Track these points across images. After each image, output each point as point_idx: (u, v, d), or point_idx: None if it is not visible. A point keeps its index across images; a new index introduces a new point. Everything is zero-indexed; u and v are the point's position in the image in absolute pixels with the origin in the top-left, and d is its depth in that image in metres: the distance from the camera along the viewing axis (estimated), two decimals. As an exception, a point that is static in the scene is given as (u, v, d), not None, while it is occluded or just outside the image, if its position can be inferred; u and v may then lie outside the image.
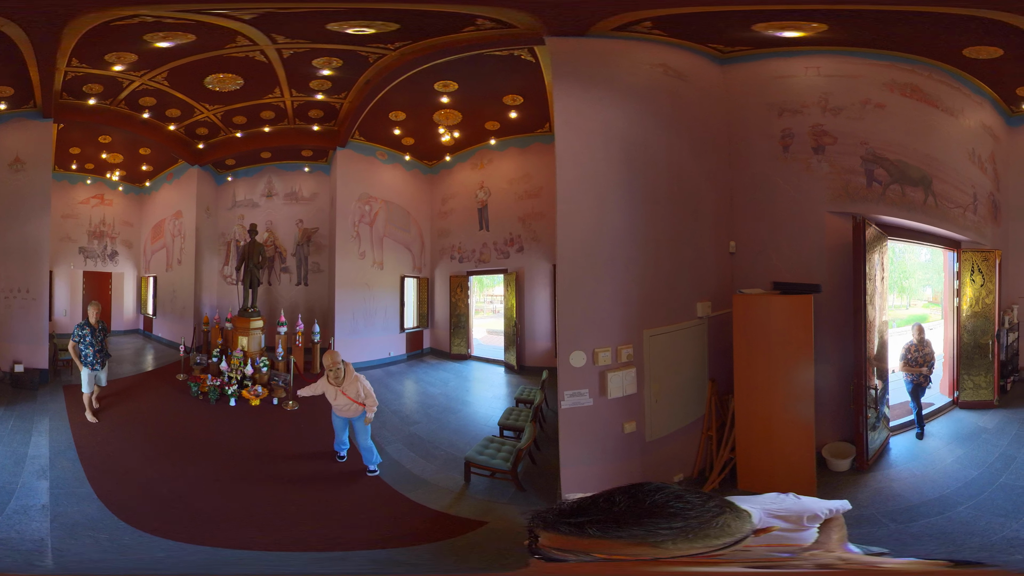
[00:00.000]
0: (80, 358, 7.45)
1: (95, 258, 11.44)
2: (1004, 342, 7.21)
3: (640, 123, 5.46)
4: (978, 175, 6.90)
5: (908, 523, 4.80)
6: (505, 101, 8.59)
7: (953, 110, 6.59)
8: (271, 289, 10.68)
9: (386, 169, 10.53)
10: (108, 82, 7.87)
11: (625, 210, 5.23)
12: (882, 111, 6.15)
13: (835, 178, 6.00)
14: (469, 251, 10.49)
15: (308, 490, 6.04)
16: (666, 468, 5.59)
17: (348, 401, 6.66)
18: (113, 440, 6.92)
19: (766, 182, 6.09)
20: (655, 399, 5.38)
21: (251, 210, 10.77)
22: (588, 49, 5.48)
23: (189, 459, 6.52)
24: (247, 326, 9.33)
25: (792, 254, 5.96)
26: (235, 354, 8.74)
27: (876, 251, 6.16)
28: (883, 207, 6.11)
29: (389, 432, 7.37)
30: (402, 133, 9.93)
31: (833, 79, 6.16)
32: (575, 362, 5.00)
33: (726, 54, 6.29)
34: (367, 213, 10.26)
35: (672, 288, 5.61)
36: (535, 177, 9.54)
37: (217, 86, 8.06)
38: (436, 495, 5.95)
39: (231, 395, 8.12)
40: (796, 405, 5.24)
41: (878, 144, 6.10)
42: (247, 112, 9.04)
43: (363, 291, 10.13)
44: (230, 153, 10.26)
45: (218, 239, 11.12)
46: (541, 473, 6.22)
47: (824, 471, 5.70)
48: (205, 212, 10.95)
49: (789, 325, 5.19)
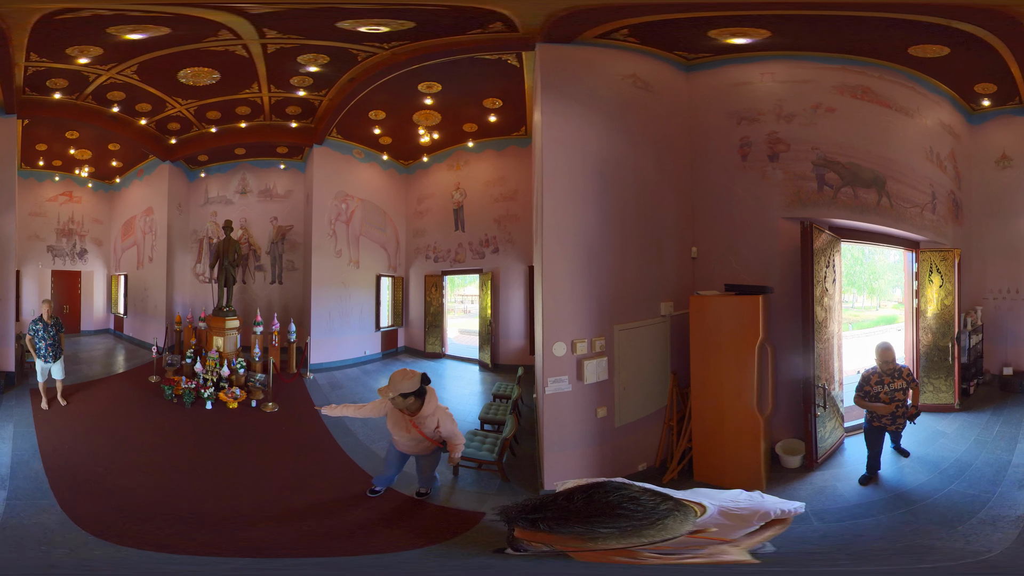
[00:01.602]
0: (35, 350, 7.40)
1: (64, 256, 11.13)
2: (965, 344, 7.03)
3: (611, 140, 5.68)
4: (937, 174, 6.79)
5: (831, 522, 4.68)
6: (485, 104, 8.50)
7: (908, 110, 6.51)
8: (246, 287, 10.33)
9: (363, 168, 10.26)
10: (73, 76, 7.44)
11: (598, 219, 5.52)
12: (832, 115, 6.15)
13: (788, 184, 6.04)
14: (444, 251, 10.33)
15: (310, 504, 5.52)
16: (632, 456, 5.77)
17: (421, 437, 5.21)
18: (82, 448, 6.43)
19: (725, 191, 6.20)
20: (623, 387, 5.67)
21: (224, 207, 10.41)
22: (573, 57, 5.67)
23: (169, 467, 6.11)
24: (222, 326, 8.89)
25: (750, 258, 6.06)
26: (210, 355, 8.35)
27: (827, 255, 6.10)
28: (835, 210, 6.10)
29: (372, 431, 6.98)
30: (381, 132, 9.68)
31: (786, 84, 6.17)
32: (557, 351, 5.31)
33: (691, 61, 6.34)
34: (343, 211, 9.98)
35: (638, 289, 5.89)
36: (511, 180, 9.50)
37: (191, 80, 7.67)
38: (433, 492, 5.73)
39: (207, 398, 7.71)
40: (745, 399, 5.40)
41: (829, 148, 6.09)
42: (221, 107, 8.65)
43: (339, 289, 9.85)
44: (203, 149, 9.87)
45: (190, 236, 10.74)
46: (520, 464, 6.14)
47: (777, 467, 5.75)
48: (177, 209, 10.54)
49: (739, 324, 5.38)
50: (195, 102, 8.45)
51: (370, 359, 10.17)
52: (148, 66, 7.23)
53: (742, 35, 5.74)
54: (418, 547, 4.65)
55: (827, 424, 6.01)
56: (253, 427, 7.34)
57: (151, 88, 7.92)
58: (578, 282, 5.48)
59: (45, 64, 7.02)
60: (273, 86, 8.01)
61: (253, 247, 10.36)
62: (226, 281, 9.39)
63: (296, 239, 10.27)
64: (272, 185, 10.35)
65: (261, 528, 4.93)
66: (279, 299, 10.25)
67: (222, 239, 9.56)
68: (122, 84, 7.70)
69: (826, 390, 5.96)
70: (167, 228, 10.29)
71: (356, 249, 10.14)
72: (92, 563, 4.18)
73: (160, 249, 10.35)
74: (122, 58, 7.02)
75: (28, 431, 6.73)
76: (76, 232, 11.28)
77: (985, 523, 4.53)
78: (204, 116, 8.95)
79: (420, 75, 7.44)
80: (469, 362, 10.10)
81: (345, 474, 6.08)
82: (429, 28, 6.16)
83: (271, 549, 4.61)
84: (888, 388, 5.54)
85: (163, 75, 7.53)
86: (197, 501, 5.37)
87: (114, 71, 7.34)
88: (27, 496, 5.18)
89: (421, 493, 5.53)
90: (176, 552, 4.43)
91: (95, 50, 6.69)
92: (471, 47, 6.45)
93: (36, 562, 4.15)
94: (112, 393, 8.25)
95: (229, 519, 5.06)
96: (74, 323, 11.37)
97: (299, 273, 10.23)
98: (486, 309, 9.75)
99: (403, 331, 10.92)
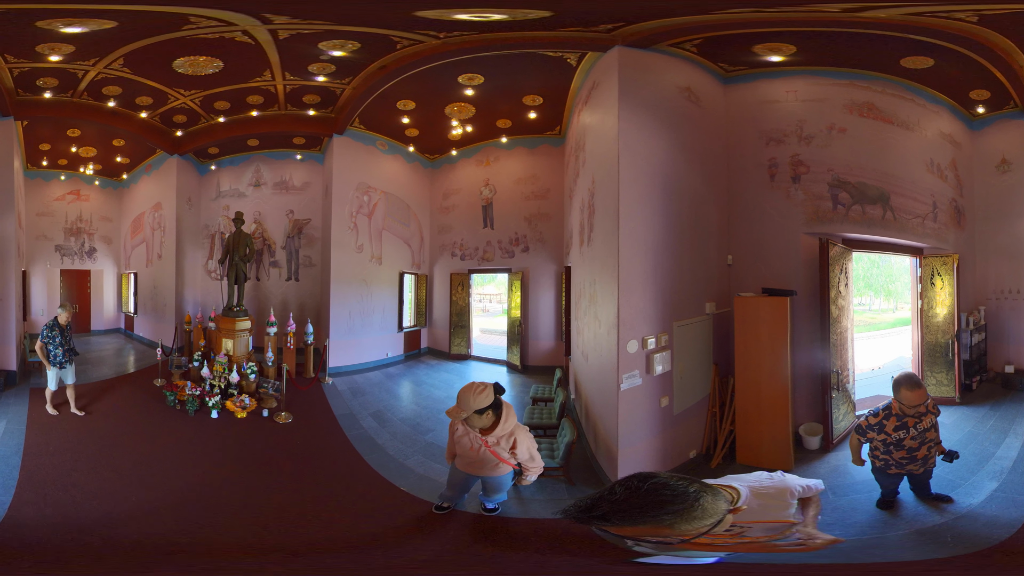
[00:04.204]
0: (49, 357, 6.57)
1: (72, 255, 10.77)
2: (966, 342, 7.15)
3: (671, 152, 5.97)
4: (937, 184, 7.01)
5: (841, 496, 5.04)
6: (524, 100, 7.91)
7: (909, 123, 6.75)
8: (259, 285, 9.46)
9: (387, 160, 9.37)
10: (60, 75, 6.84)
11: (662, 227, 5.83)
12: (844, 136, 6.49)
13: (808, 204, 6.46)
14: (471, 248, 9.51)
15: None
16: (684, 443, 6.09)
17: (492, 458, 4.39)
18: (67, 450, 5.74)
19: (756, 207, 6.59)
20: (681, 376, 6.04)
21: (237, 200, 9.54)
22: (646, 64, 5.82)
23: (153, 485, 5.18)
24: (232, 327, 7.93)
25: (777, 265, 6.49)
26: (218, 359, 7.37)
27: (841, 263, 6.58)
28: (847, 226, 6.50)
29: (402, 444, 6.21)
30: (409, 123, 8.82)
31: (806, 104, 6.54)
32: (630, 349, 5.51)
33: (729, 73, 6.58)
34: (366, 203, 9.08)
35: (690, 289, 6.23)
36: (543, 178, 8.99)
37: (189, 70, 6.84)
38: (504, 507, 4.95)
39: (212, 406, 6.74)
40: (777, 380, 5.94)
41: (841, 169, 6.47)
42: (230, 97, 7.80)
43: (360, 287, 8.96)
44: (213, 140, 9.00)
45: (201, 231, 9.89)
46: (575, 466, 5.68)
47: (800, 448, 6.16)
48: (187, 203, 9.68)
49: (772, 320, 5.99)
50: (199, 92, 7.61)
51: (392, 361, 9.25)
52: (136, 58, 6.47)
53: (777, 52, 6.07)
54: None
55: (840, 407, 6.41)
56: (263, 440, 6.31)
57: (147, 80, 7.17)
58: (647, 284, 5.72)
59: (26, 64, 6.48)
60: (288, 73, 7.17)
61: (267, 241, 9.47)
62: (236, 278, 8.38)
63: (314, 233, 9.35)
64: (288, 177, 9.44)
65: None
66: (295, 297, 9.34)
67: (232, 232, 8.60)
68: (115, 78, 7.02)
69: (839, 376, 6.36)
70: (176, 223, 9.43)
71: (378, 244, 9.23)
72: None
73: (169, 245, 9.49)
74: (100, 52, 6.32)
75: (18, 428, 6.20)
76: (84, 230, 10.84)
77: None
78: (212, 107, 8.07)
79: (463, 65, 6.76)
80: (496, 363, 9.25)
81: (379, 494, 5.13)
82: (567, 18, 5.63)
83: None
84: (917, 430, 4.45)
85: (156, 66, 6.76)
86: (193, 531, 4.46)
87: (100, 65, 6.63)
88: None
89: (489, 510, 4.76)
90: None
91: (65, 47, 6.07)
92: (539, 42, 6.16)
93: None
94: (114, 396, 7.37)
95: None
96: (84, 323, 10.89)
97: (317, 269, 9.32)
98: (515, 309, 8.95)
99: (426, 331, 10.04)
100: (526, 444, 4.36)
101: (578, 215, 7.12)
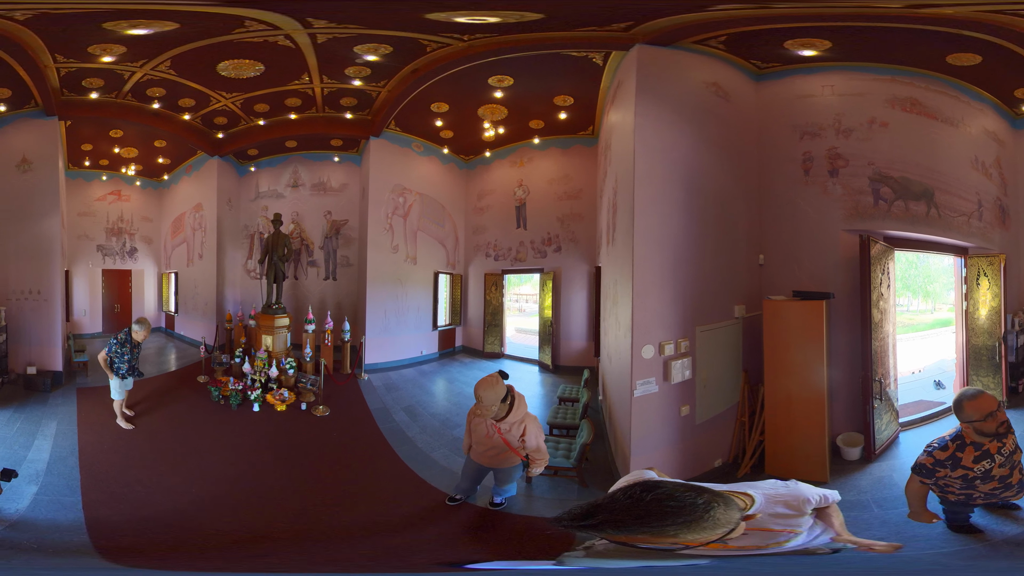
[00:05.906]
0: (112, 369, 6.47)
1: (114, 255, 10.65)
2: (1012, 344, 6.80)
3: (695, 148, 5.72)
4: (983, 181, 6.67)
5: (889, 510, 4.82)
6: (555, 101, 7.81)
7: (953, 120, 6.41)
8: (297, 284, 9.50)
9: (422, 161, 9.34)
10: (107, 75, 6.86)
11: (683, 226, 5.58)
12: (885, 130, 6.18)
13: (847, 199, 6.15)
14: (505, 249, 9.44)
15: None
16: (708, 452, 5.83)
17: (503, 446, 4.59)
18: (120, 448, 5.89)
19: (789, 203, 6.30)
20: (704, 384, 5.76)
21: (276, 201, 9.56)
22: (667, 62, 5.62)
23: (202, 475, 5.36)
24: (271, 324, 8.08)
25: (811, 266, 6.19)
26: (259, 355, 7.52)
27: (882, 263, 6.24)
28: (889, 223, 6.18)
29: (430, 437, 6.34)
30: (443, 125, 8.81)
31: (844, 98, 6.22)
32: (645, 354, 5.25)
33: (762, 70, 6.33)
34: (401, 205, 9.07)
35: (716, 292, 5.98)
36: (575, 179, 8.84)
37: (233, 73, 6.89)
38: (511, 502, 5.10)
39: (254, 400, 6.89)
40: (811, 395, 5.60)
41: (883, 163, 6.15)
42: (269, 100, 7.86)
43: (395, 286, 8.97)
44: (252, 142, 9.05)
45: (241, 232, 9.92)
46: (592, 469, 5.68)
47: (838, 459, 5.83)
48: (227, 204, 9.72)
49: (805, 326, 5.64)
50: (240, 95, 7.66)
51: (427, 359, 9.27)
52: (182, 61, 6.53)
53: (810, 47, 5.81)
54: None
55: (883, 417, 6.08)
56: (302, 432, 6.52)
57: (191, 83, 7.20)
58: (665, 286, 5.48)
59: (75, 64, 6.49)
60: (326, 77, 7.20)
61: (306, 242, 9.50)
62: (275, 277, 8.56)
63: (351, 234, 9.38)
64: (326, 178, 9.45)
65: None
66: (332, 296, 9.37)
67: (271, 233, 8.73)
68: (160, 80, 7.05)
69: (882, 384, 6.04)
70: (217, 224, 9.48)
71: (413, 245, 9.23)
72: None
73: (210, 245, 9.55)
74: (150, 54, 6.36)
75: (70, 429, 6.30)
76: (125, 231, 10.70)
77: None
78: (252, 109, 8.14)
79: (492, 68, 6.71)
80: (528, 362, 9.20)
81: (403, 483, 5.42)
82: (558, 21, 5.58)
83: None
84: (1004, 456, 3.71)
85: (201, 69, 6.81)
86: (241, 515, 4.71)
87: (147, 67, 6.67)
88: (55, 492, 4.88)
89: (496, 504, 4.98)
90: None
91: (117, 48, 6.09)
92: (562, 43, 6.03)
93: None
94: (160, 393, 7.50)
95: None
96: (125, 322, 10.71)
97: (354, 269, 9.35)
98: (547, 310, 8.87)
99: (460, 330, 9.99)
100: (534, 433, 4.64)
101: (605, 214, 7.00)
